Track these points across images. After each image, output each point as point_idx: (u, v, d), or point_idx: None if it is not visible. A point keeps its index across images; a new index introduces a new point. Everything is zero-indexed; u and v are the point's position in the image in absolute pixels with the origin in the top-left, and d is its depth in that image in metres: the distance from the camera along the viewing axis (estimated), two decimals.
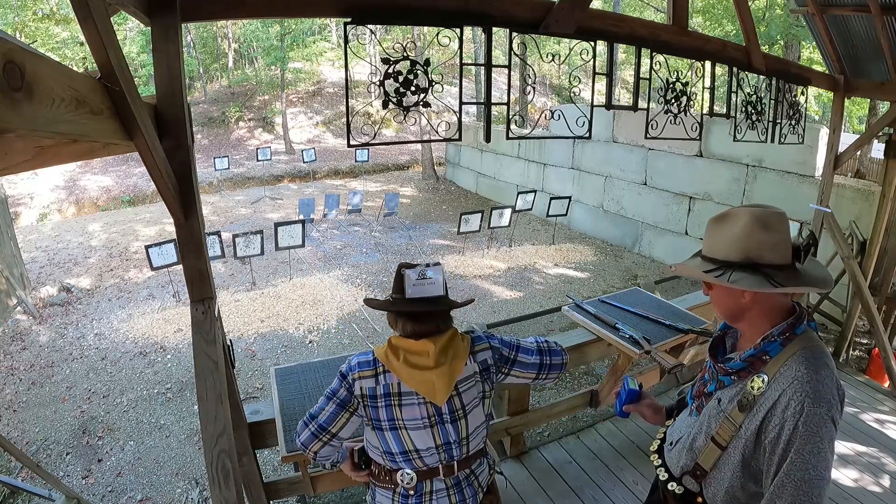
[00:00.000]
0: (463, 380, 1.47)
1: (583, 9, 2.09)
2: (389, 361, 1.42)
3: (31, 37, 12.68)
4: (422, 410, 1.44)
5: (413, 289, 1.42)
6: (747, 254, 1.14)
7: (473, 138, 13.19)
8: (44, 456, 4.43)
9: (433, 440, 1.47)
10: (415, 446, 1.46)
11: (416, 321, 1.45)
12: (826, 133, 5.27)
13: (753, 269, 1.13)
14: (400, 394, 1.42)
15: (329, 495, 3.70)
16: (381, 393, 1.42)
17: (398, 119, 1.88)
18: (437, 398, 1.42)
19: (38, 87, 0.87)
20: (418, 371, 1.41)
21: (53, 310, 7.18)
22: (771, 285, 1.10)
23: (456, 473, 1.53)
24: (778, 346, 1.14)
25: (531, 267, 8.64)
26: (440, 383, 1.42)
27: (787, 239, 1.17)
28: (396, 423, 1.44)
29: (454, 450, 1.50)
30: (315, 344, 6.20)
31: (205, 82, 20.69)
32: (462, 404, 1.47)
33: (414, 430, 1.45)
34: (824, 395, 1.05)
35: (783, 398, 1.08)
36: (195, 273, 1.72)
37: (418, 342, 1.42)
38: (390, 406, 1.43)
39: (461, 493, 1.55)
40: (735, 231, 1.17)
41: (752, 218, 1.15)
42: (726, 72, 2.93)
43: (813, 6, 3.85)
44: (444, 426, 1.46)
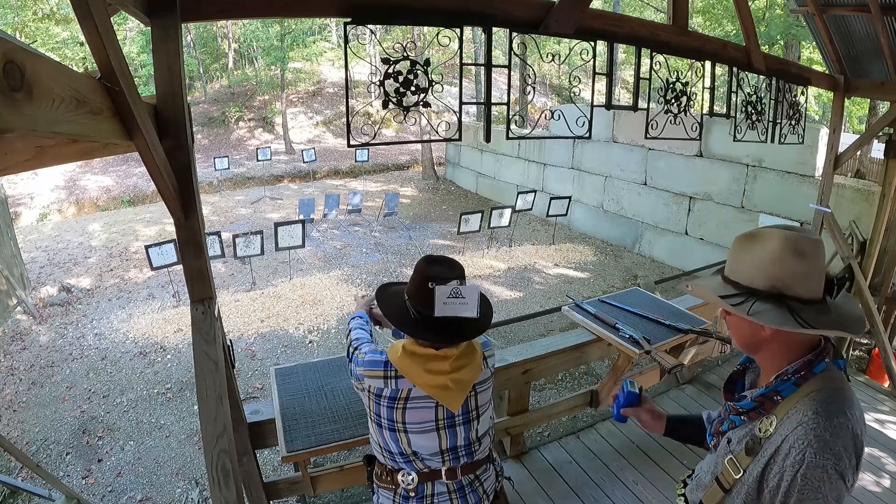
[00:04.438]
0: (480, 382, 1.46)
1: (583, 9, 2.09)
2: (405, 368, 1.37)
3: (31, 37, 12.67)
4: (431, 414, 1.40)
5: (443, 307, 1.30)
6: (774, 282, 1.02)
7: (473, 138, 13.19)
8: (44, 456, 4.43)
9: (438, 444, 1.44)
10: (412, 450, 1.43)
11: (433, 336, 1.37)
12: (826, 133, 5.27)
13: (779, 301, 1.01)
14: (408, 398, 1.39)
15: (329, 495, 3.70)
16: (387, 395, 1.39)
17: (398, 119, 1.88)
18: (453, 404, 1.39)
19: (38, 87, 0.87)
20: (434, 376, 1.36)
21: (53, 310, 7.18)
22: (796, 323, 0.98)
23: (459, 478, 1.50)
24: (791, 385, 1.03)
25: (531, 267, 8.64)
26: (457, 389, 1.38)
27: (821, 270, 1.03)
28: (395, 426, 1.41)
29: (461, 453, 1.48)
30: (315, 344, 6.19)
31: (205, 82, 20.69)
32: (477, 405, 1.47)
33: (416, 434, 1.41)
34: (831, 446, 0.93)
35: (785, 444, 0.98)
36: (195, 273, 1.72)
37: (437, 353, 1.37)
38: (392, 408, 1.39)
39: (464, 498, 1.52)
40: (763, 255, 1.03)
41: (785, 242, 1.01)
42: (726, 72, 2.93)
43: (813, 6, 3.85)
44: (455, 429, 1.44)
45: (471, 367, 1.41)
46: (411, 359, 1.37)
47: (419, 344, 1.38)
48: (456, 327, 1.35)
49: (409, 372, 1.36)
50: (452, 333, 1.36)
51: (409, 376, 1.37)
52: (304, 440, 1.92)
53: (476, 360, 1.43)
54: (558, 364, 2.96)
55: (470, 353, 1.43)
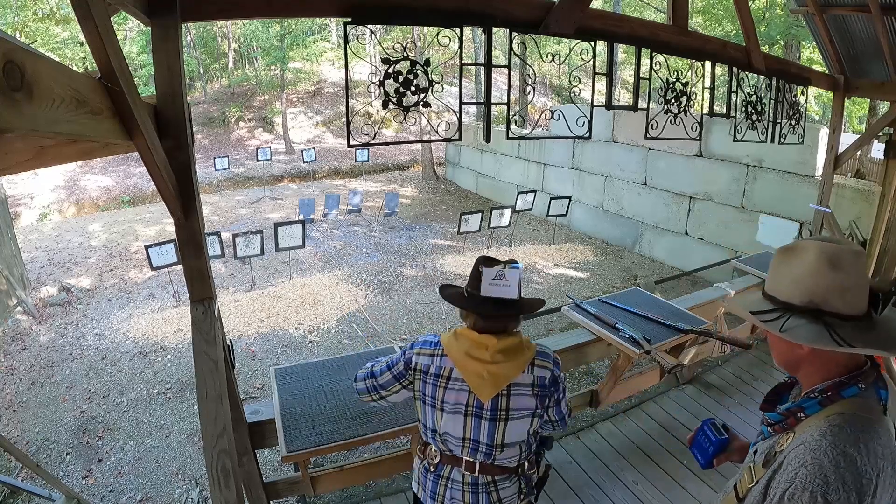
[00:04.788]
0: (516, 384, 1.47)
1: (583, 9, 2.09)
2: (450, 347, 1.49)
3: (31, 37, 12.67)
4: (464, 397, 1.47)
5: (488, 287, 1.44)
6: (811, 297, 0.97)
7: (473, 138, 13.18)
8: (44, 456, 4.43)
9: (462, 430, 1.49)
10: (442, 430, 1.51)
11: (485, 319, 1.47)
12: (826, 133, 5.27)
13: (815, 317, 0.96)
14: (449, 378, 1.48)
15: (329, 495, 3.69)
16: (433, 372, 1.50)
17: (398, 119, 1.89)
18: (483, 394, 1.44)
19: (38, 87, 0.87)
20: (472, 361, 1.44)
21: (53, 310, 7.18)
22: (832, 341, 0.93)
23: (476, 474, 1.53)
24: (816, 404, 0.99)
25: (531, 267, 8.64)
26: (490, 380, 1.43)
27: (862, 284, 0.97)
28: (435, 403, 1.50)
29: (481, 449, 1.51)
30: (315, 344, 6.19)
31: (205, 82, 20.69)
32: (507, 407, 1.47)
33: (449, 414, 1.49)
34: (826, 472, 0.87)
35: (786, 461, 0.95)
36: (195, 273, 1.72)
37: (481, 335, 1.46)
38: (436, 386, 1.49)
39: (475, 495, 1.55)
40: (800, 268, 0.99)
41: (820, 254, 0.97)
42: (726, 72, 2.93)
43: (813, 6, 3.85)
44: (481, 421, 1.48)
45: (510, 364, 1.45)
46: (457, 339, 1.49)
47: (468, 329, 1.50)
48: (497, 306, 1.45)
49: (451, 351, 1.48)
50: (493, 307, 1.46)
51: (451, 355, 1.47)
52: (304, 440, 1.92)
53: (519, 359, 1.47)
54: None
55: (514, 351, 1.47)
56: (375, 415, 2.06)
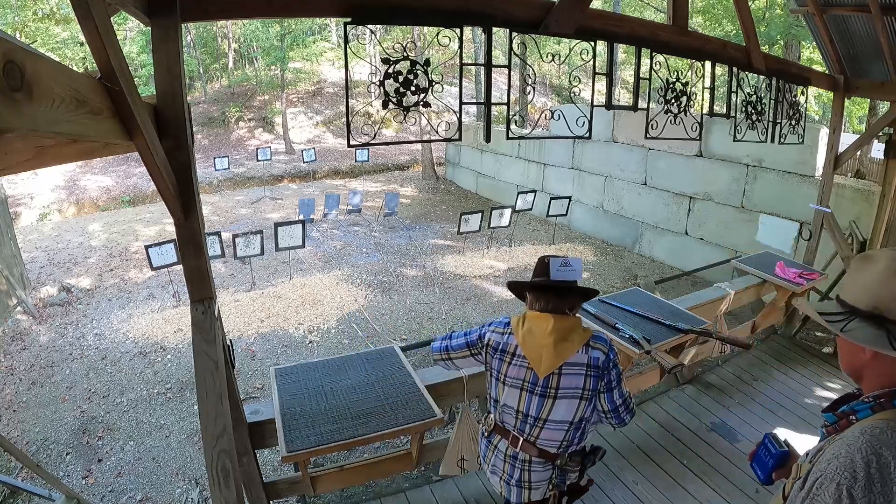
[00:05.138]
0: (570, 364, 1.63)
1: (583, 9, 2.09)
2: (516, 328, 1.69)
3: (31, 37, 12.67)
4: (522, 373, 1.67)
5: (556, 273, 1.65)
6: (876, 303, 0.99)
7: (473, 138, 13.18)
8: (44, 456, 4.43)
9: (517, 402, 1.70)
10: (503, 401, 1.73)
11: (547, 299, 1.67)
12: (826, 133, 5.27)
13: (878, 323, 0.98)
14: (514, 354, 1.68)
15: (329, 495, 3.69)
16: (500, 348, 1.71)
17: (398, 119, 1.89)
18: (540, 369, 1.62)
19: (38, 87, 0.87)
20: (533, 338, 1.63)
21: (53, 310, 7.18)
22: (890, 346, 0.95)
23: (517, 449, 1.73)
24: (867, 409, 1.00)
25: (531, 267, 8.61)
26: (547, 356, 1.61)
27: None
28: (499, 376, 1.72)
29: (528, 424, 1.70)
30: (315, 344, 6.19)
31: (205, 82, 20.68)
32: (557, 385, 1.64)
33: (510, 388, 1.70)
34: (855, 468, 0.89)
35: (824, 452, 0.98)
36: (195, 273, 1.72)
37: (542, 314, 1.65)
38: (502, 361, 1.70)
39: (513, 468, 1.75)
40: (870, 275, 1.02)
41: (890, 263, 0.99)
42: (726, 72, 2.93)
43: (813, 6, 3.85)
44: (533, 396, 1.66)
45: (566, 343, 1.61)
46: (523, 321, 1.69)
47: (533, 311, 1.69)
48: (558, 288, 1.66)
49: (517, 330, 1.68)
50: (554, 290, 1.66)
51: (516, 334, 1.68)
52: (304, 440, 1.92)
53: (574, 339, 1.63)
54: None
55: (570, 330, 1.63)
56: (375, 415, 2.06)
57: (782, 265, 3.90)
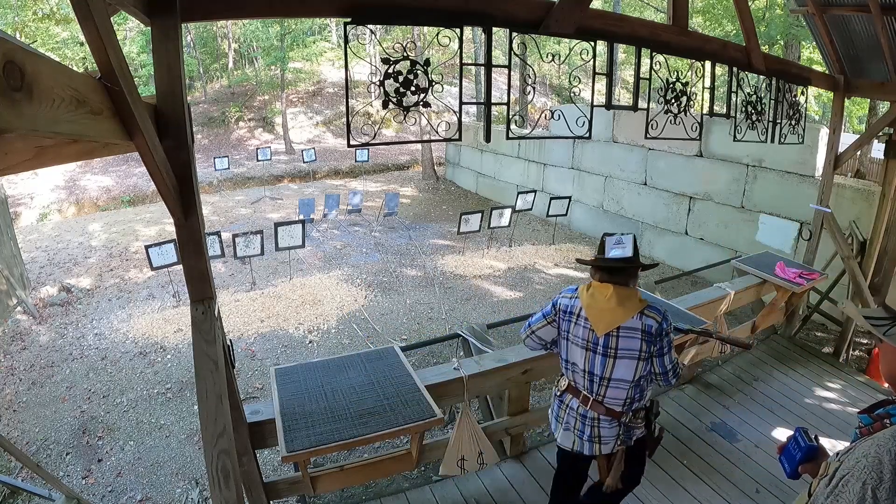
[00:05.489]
0: (626, 328, 1.85)
1: (583, 9, 2.09)
2: (581, 293, 1.97)
3: (31, 37, 12.67)
4: (585, 333, 1.92)
5: (610, 250, 1.93)
6: None
7: (473, 138, 13.18)
8: (44, 456, 4.43)
9: (583, 362, 1.94)
10: (572, 359, 1.99)
11: (608, 273, 1.92)
12: (826, 133, 5.27)
13: None
14: (578, 315, 1.94)
15: (329, 495, 3.69)
16: (569, 310, 1.97)
17: (398, 119, 1.89)
18: (599, 328, 1.87)
19: (38, 87, 0.87)
20: (594, 301, 1.90)
21: (53, 310, 7.18)
22: None
23: (587, 408, 1.96)
24: None
25: (531, 267, 8.64)
26: (605, 318, 1.86)
27: None
28: (569, 336, 1.99)
29: (595, 383, 1.93)
30: (315, 344, 6.19)
31: (205, 82, 20.68)
32: (616, 346, 1.87)
33: (574, 346, 1.97)
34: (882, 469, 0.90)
35: (853, 450, 0.99)
36: (195, 273, 1.72)
37: (603, 283, 1.91)
38: (570, 322, 1.97)
39: (584, 425, 1.98)
40: None
41: None
42: (726, 72, 2.93)
43: (813, 6, 3.85)
44: (595, 356, 1.91)
45: (622, 309, 1.86)
46: (588, 287, 1.96)
47: (595, 280, 1.96)
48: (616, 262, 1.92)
49: (582, 295, 1.95)
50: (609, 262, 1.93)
51: (582, 298, 1.94)
52: (304, 440, 1.92)
53: (628, 305, 1.86)
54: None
55: (627, 298, 1.87)
56: (375, 415, 2.06)
57: (782, 265, 3.90)
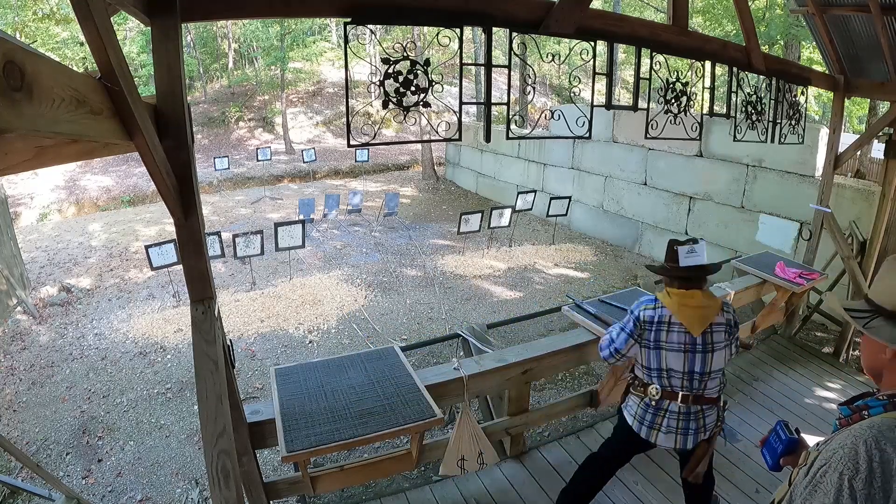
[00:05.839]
0: (715, 323, 2.02)
1: (583, 9, 2.09)
2: (665, 300, 2.04)
3: (31, 37, 12.66)
4: (681, 338, 2.00)
5: (685, 259, 2.02)
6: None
7: (473, 138, 13.18)
8: (44, 456, 4.43)
9: (682, 365, 2.01)
10: (668, 366, 2.03)
11: (686, 280, 2.04)
12: (826, 133, 5.27)
13: None
14: (669, 323, 2.01)
15: (329, 495, 3.69)
16: (656, 320, 2.02)
17: (398, 119, 1.88)
18: (695, 329, 1.98)
19: (38, 87, 0.87)
20: (686, 308, 1.99)
21: (53, 310, 7.18)
22: None
23: (689, 405, 2.03)
24: (881, 407, 1.02)
25: (531, 267, 8.64)
26: (700, 319, 1.98)
27: None
28: (660, 345, 2.02)
29: (695, 381, 2.02)
30: (315, 344, 6.19)
31: (205, 82, 20.68)
32: (712, 341, 2.02)
33: (671, 353, 2.02)
34: (858, 460, 0.91)
35: (831, 441, 1.01)
36: (195, 273, 1.72)
37: (689, 290, 2.02)
38: (660, 331, 2.02)
39: (687, 423, 2.05)
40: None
41: None
42: (726, 72, 2.93)
43: (813, 6, 3.85)
44: (695, 355, 2.01)
45: (711, 308, 2.02)
46: (670, 296, 2.05)
47: (674, 288, 2.06)
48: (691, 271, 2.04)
49: (668, 303, 2.03)
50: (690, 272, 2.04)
51: (669, 307, 2.02)
52: (304, 440, 1.92)
53: (714, 304, 2.03)
54: (558, 364, 2.96)
55: (709, 298, 2.05)
56: (375, 415, 2.06)
57: (782, 265, 3.90)
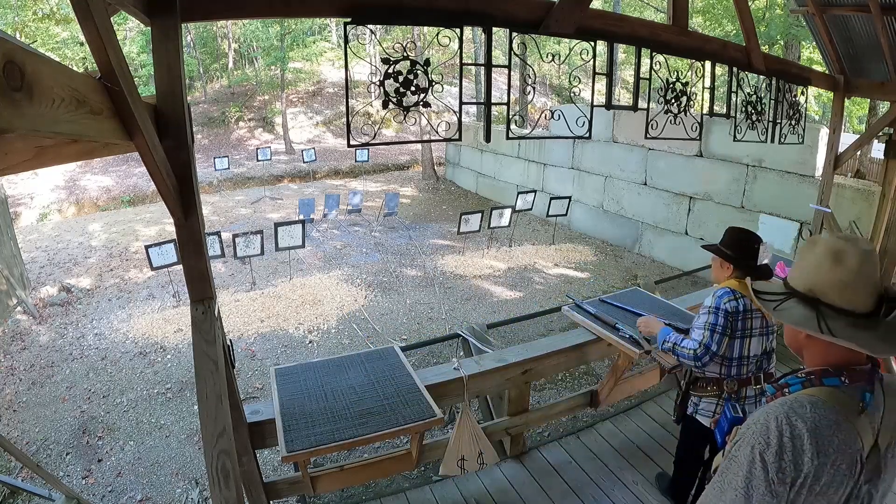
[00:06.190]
0: None
1: (583, 9, 2.09)
2: (742, 290, 2.10)
3: (31, 37, 12.67)
4: (760, 322, 2.13)
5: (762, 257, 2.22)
6: (811, 286, 1.03)
7: (473, 138, 13.18)
8: (44, 456, 4.43)
9: (760, 348, 2.14)
10: (749, 353, 2.13)
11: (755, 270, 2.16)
12: (826, 133, 5.27)
13: (812, 305, 1.01)
14: (751, 310, 2.10)
15: (329, 495, 3.69)
16: (741, 309, 2.08)
17: (398, 119, 1.88)
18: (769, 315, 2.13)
19: (38, 87, 0.87)
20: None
21: (53, 310, 7.18)
22: (818, 328, 0.98)
23: (762, 384, 2.14)
24: (799, 384, 1.05)
25: (531, 267, 8.64)
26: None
27: (865, 282, 0.99)
28: (745, 332, 2.11)
29: (764, 361, 2.17)
30: (315, 344, 6.19)
31: (205, 82, 20.68)
32: (769, 324, 2.16)
33: (754, 339, 2.13)
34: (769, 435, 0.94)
35: (748, 420, 1.04)
36: (195, 273, 1.72)
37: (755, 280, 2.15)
38: (745, 319, 2.09)
39: (757, 403, 2.12)
40: (809, 259, 1.06)
41: (827, 248, 1.03)
42: (726, 72, 2.93)
43: (813, 6, 3.85)
44: (762, 337, 2.15)
45: None
46: (742, 285, 2.12)
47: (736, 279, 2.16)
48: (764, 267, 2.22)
49: (745, 292, 2.08)
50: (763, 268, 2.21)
51: (748, 295, 2.05)
52: (304, 440, 1.92)
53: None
54: (558, 364, 2.96)
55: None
56: (375, 415, 2.06)
57: (782, 265, 3.90)
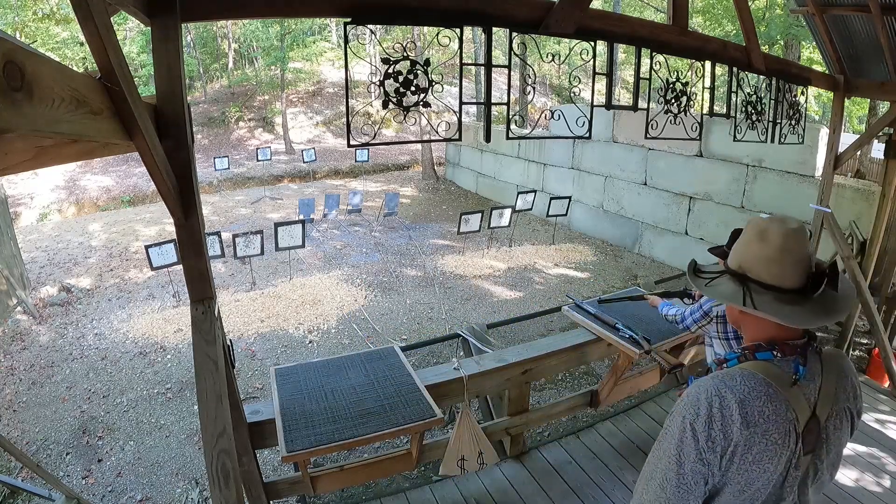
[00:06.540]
0: None
1: (583, 9, 2.09)
2: None
3: (31, 37, 12.67)
4: None
5: None
6: (740, 263, 1.09)
7: (473, 138, 13.18)
8: (44, 456, 4.43)
9: None
10: None
11: None
12: (826, 133, 5.27)
13: (741, 281, 1.06)
14: None
15: (329, 495, 3.70)
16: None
17: (398, 119, 1.88)
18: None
19: (38, 87, 0.87)
20: None
21: (53, 310, 7.18)
22: (741, 302, 1.03)
23: None
24: (735, 359, 1.09)
25: (531, 267, 8.64)
26: None
27: (790, 258, 1.03)
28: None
29: None
30: (315, 344, 6.19)
31: (205, 82, 20.68)
32: None
33: None
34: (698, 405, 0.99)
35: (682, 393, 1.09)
36: (195, 273, 1.72)
37: None
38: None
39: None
40: (741, 238, 1.12)
41: (753, 227, 1.09)
42: (726, 72, 2.93)
43: (813, 6, 3.85)
44: None
45: None
46: None
47: None
48: None
49: None
50: None
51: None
52: (304, 440, 1.92)
53: None
54: (558, 364, 2.96)
55: None
56: (375, 415, 2.06)
57: None
